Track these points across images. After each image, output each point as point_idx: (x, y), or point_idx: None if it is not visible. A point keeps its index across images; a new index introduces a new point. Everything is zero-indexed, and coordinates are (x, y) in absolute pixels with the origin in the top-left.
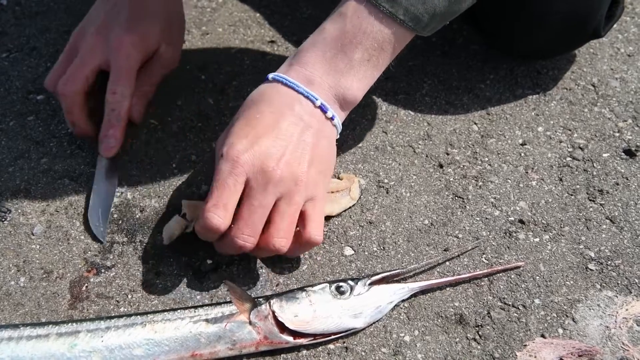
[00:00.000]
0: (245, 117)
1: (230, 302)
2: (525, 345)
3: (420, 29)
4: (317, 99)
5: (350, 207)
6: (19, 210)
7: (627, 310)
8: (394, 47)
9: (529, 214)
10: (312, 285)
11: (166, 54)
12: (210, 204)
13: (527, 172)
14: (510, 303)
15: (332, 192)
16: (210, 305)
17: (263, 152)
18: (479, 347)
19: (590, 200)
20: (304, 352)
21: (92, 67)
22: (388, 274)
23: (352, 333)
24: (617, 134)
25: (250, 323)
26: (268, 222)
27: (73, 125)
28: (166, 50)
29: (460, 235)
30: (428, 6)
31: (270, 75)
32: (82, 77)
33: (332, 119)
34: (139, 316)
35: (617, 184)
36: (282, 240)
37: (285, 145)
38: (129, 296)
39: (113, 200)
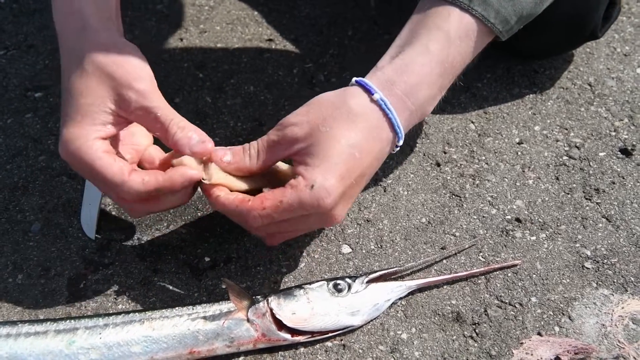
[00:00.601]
0: (346, 155)
1: (228, 299)
2: (521, 343)
3: (505, 32)
4: (401, 138)
5: None
6: (17, 208)
7: (623, 308)
8: (474, 50)
9: (526, 212)
10: (309, 283)
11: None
12: (263, 211)
13: (523, 171)
14: (507, 301)
15: None
16: (208, 302)
17: (348, 205)
18: (475, 344)
19: (586, 199)
20: (302, 349)
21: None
22: (385, 272)
23: (349, 330)
24: (614, 133)
25: (248, 320)
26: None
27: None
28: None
29: (457, 234)
30: (517, 7)
31: (376, 96)
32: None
33: (397, 147)
34: (137, 313)
35: (614, 183)
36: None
37: (359, 191)
38: (127, 293)
39: (100, 197)
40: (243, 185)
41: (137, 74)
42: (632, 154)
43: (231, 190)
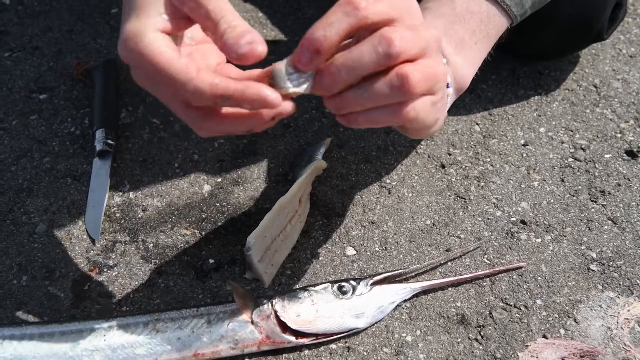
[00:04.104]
0: None
1: (232, 301)
2: (527, 346)
3: (519, 15)
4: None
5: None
6: (22, 210)
7: (628, 311)
8: (496, 32)
9: (531, 214)
10: (314, 285)
11: None
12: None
13: (529, 173)
14: (512, 303)
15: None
16: (212, 304)
17: None
18: (480, 347)
19: (592, 201)
20: (306, 352)
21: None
22: (390, 274)
23: (354, 333)
24: (619, 135)
25: (252, 322)
26: None
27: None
28: None
29: (462, 236)
30: None
31: None
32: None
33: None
34: (141, 315)
35: (619, 185)
36: None
37: None
38: (131, 295)
39: (105, 199)
40: None
41: None
42: (638, 156)
43: None
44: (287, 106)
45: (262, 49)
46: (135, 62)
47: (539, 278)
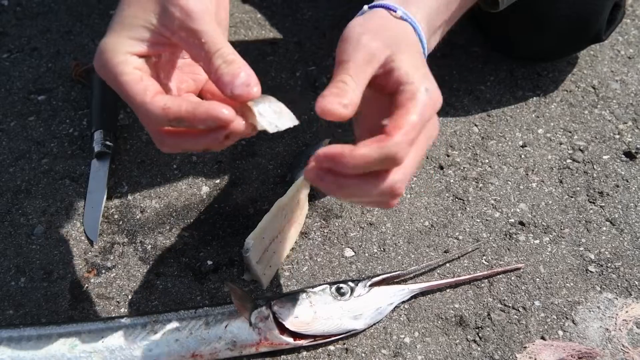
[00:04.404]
0: (421, 56)
1: (230, 303)
2: (525, 347)
3: None
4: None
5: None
6: (20, 211)
7: (627, 312)
8: None
9: (529, 215)
10: (312, 287)
11: None
12: (406, 135)
13: (527, 174)
14: (510, 305)
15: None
16: (211, 306)
17: None
18: (479, 348)
19: (590, 202)
20: (304, 353)
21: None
22: (388, 275)
23: (352, 334)
24: (617, 136)
25: (250, 324)
26: None
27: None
28: None
29: (460, 237)
30: None
31: (399, 12)
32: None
33: None
34: (139, 317)
35: (617, 186)
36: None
37: None
38: (130, 297)
39: (103, 200)
40: None
41: None
42: (636, 157)
43: None
44: (238, 125)
45: (256, 90)
46: (103, 76)
47: (537, 279)
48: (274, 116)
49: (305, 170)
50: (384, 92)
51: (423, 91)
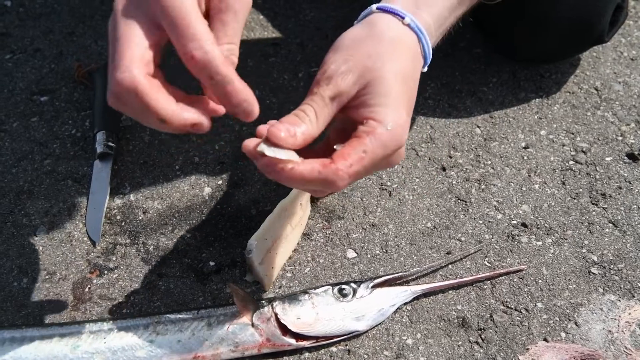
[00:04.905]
0: (403, 86)
1: (232, 304)
2: (527, 349)
3: None
4: (427, 64)
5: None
6: (22, 212)
7: (629, 314)
8: None
9: (532, 217)
10: (314, 288)
11: None
12: (351, 168)
13: (529, 176)
14: (512, 306)
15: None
16: (213, 307)
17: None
18: (481, 350)
19: (593, 204)
20: (307, 354)
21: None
22: (390, 276)
23: (354, 336)
24: (620, 138)
25: (252, 325)
26: None
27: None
28: None
29: (462, 239)
30: None
31: (407, 19)
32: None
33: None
34: (141, 318)
35: (620, 188)
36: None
37: None
38: (132, 298)
39: (106, 201)
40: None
41: None
42: (639, 159)
43: None
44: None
45: (256, 115)
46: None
47: (540, 281)
48: None
49: (244, 144)
50: (351, 119)
51: (384, 129)
